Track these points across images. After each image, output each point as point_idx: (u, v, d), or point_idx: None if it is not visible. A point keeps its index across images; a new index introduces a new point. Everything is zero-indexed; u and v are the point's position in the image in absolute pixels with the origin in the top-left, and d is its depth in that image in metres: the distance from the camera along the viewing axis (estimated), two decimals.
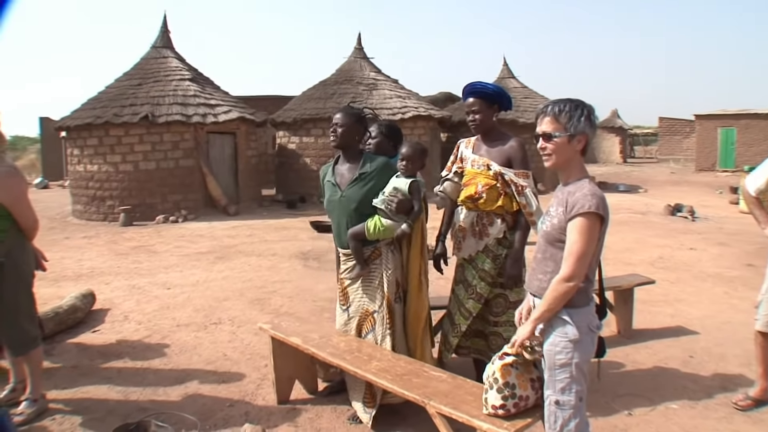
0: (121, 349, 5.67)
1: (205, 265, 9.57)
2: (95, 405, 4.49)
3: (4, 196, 4.01)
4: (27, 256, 4.25)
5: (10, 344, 4.28)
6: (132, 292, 7.81)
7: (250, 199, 17.49)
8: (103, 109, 16.20)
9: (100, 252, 11.14)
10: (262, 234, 12.77)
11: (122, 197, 15.71)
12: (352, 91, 19.34)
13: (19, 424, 4.08)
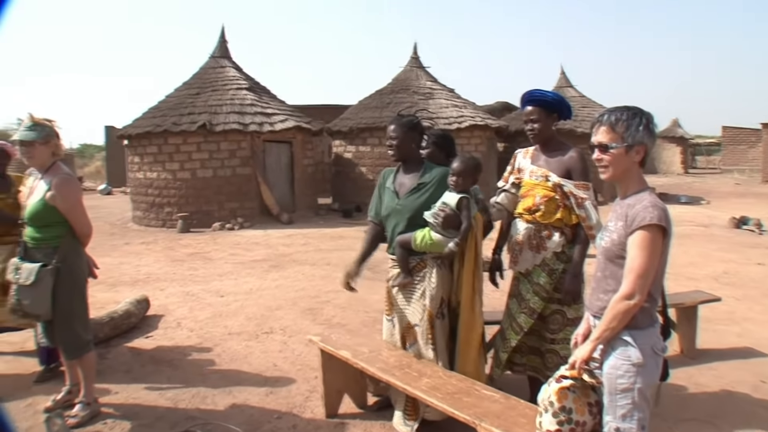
0: (173, 355, 5.69)
1: (259, 273, 9.59)
2: (145, 411, 4.51)
3: (61, 203, 4.11)
4: (81, 262, 4.33)
5: (65, 348, 4.36)
6: (186, 299, 7.87)
7: (306, 208, 17.57)
8: (162, 117, 16.54)
9: (157, 258, 11.31)
10: (317, 243, 12.78)
11: (180, 204, 15.96)
12: (408, 100, 19.28)
13: (72, 426, 4.15)
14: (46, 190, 4.13)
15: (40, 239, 4.18)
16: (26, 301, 4.11)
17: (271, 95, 18.41)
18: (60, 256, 4.12)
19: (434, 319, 3.94)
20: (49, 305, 4.10)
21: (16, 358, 5.74)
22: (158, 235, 14.60)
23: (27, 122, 4.17)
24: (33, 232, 4.21)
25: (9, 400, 4.78)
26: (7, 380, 5.21)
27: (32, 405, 4.63)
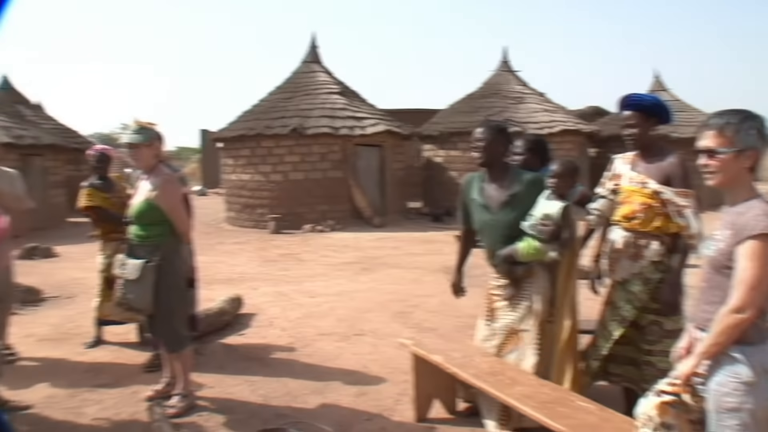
0: (265, 354, 5.80)
1: (350, 275, 9.68)
2: (238, 406, 4.61)
3: (164, 202, 4.27)
4: (181, 260, 4.48)
5: (165, 342, 4.54)
6: (278, 299, 8.02)
7: (396, 212, 17.63)
8: (255, 121, 16.99)
9: (250, 258, 11.59)
10: (407, 246, 12.79)
11: (272, 206, 16.31)
12: (499, 104, 19.11)
13: (171, 416, 4.30)
14: (150, 190, 4.31)
15: (144, 237, 4.36)
16: (131, 295, 4.30)
17: (362, 99, 18.57)
18: (162, 254, 4.29)
19: (545, 324, 3.85)
20: (151, 300, 4.26)
21: (119, 349, 6.02)
22: (251, 236, 14.97)
23: (133, 126, 4.36)
24: (137, 230, 4.40)
25: (115, 386, 5.03)
26: (113, 368, 5.49)
27: (136, 393, 4.85)
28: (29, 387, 5.02)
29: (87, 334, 6.31)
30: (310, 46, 19.02)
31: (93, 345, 6.09)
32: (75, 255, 11.93)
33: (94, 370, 5.48)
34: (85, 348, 6.05)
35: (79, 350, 6.02)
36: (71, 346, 6.16)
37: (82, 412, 4.59)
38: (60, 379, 5.22)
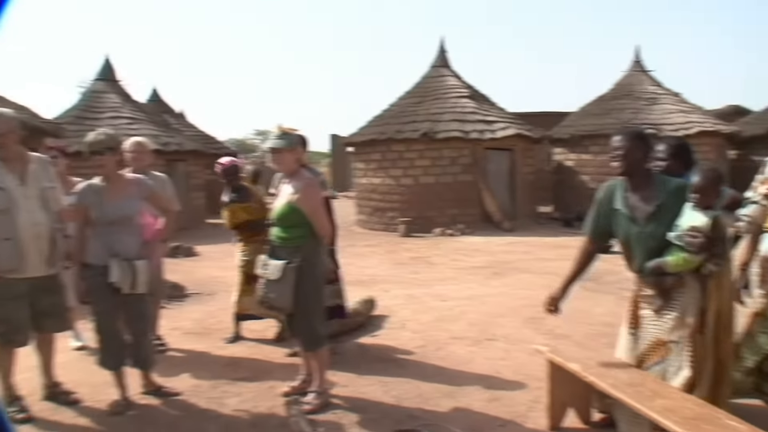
0: (397, 355, 5.86)
1: (481, 279, 9.62)
2: (371, 406, 4.68)
3: (306, 205, 4.42)
4: (321, 262, 4.62)
5: (303, 340, 4.69)
6: (409, 301, 8.09)
7: (526, 216, 17.35)
8: (386, 126, 17.25)
9: (381, 260, 11.77)
10: (538, 251, 12.56)
11: (402, 209, 16.49)
12: (631, 106, 18.41)
13: (306, 412, 4.42)
14: (292, 193, 4.47)
15: (286, 239, 4.52)
16: (272, 294, 4.47)
17: (491, 103, 18.42)
18: (303, 255, 4.43)
19: (697, 336, 3.66)
20: (291, 299, 4.41)
21: (257, 345, 6.29)
22: (381, 239, 15.21)
23: (276, 131, 4.55)
24: (279, 231, 4.57)
25: (253, 381, 5.26)
26: (251, 363, 5.74)
27: (273, 388, 5.04)
28: (177, 376, 5.36)
29: (227, 330, 6.64)
30: (438, 50, 19.08)
31: (232, 340, 6.40)
32: (214, 254, 12.58)
33: (233, 364, 5.76)
34: (225, 343, 6.37)
35: (219, 344, 6.35)
36: (212, 341, 6.50)
37: (224, 402, 4.84)
38: (203, 371, 5.53)
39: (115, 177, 4.62)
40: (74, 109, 19.27)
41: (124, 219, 4.55)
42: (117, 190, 4.58)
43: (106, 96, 19.51)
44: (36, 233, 4.50)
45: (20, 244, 4.44)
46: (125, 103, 19.46)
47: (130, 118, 18.37)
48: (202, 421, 4.54)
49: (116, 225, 4.52)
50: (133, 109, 19.43)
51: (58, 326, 4.87)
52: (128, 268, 4.43)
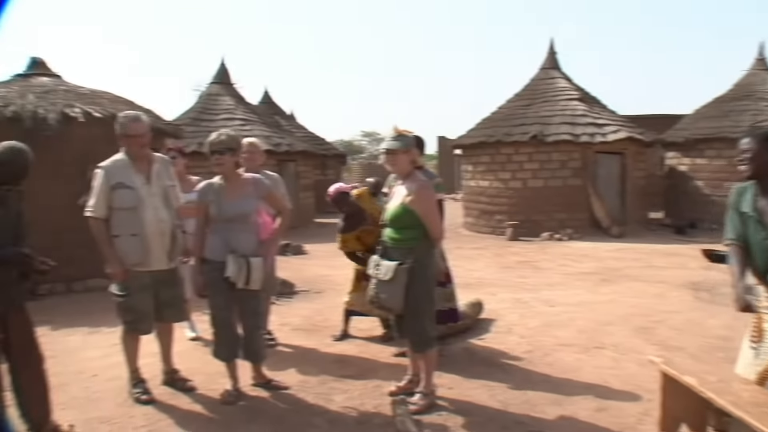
0: (504, 360, 5.84)
1: (589, 286, 9.43)
2: (476, 409, 4.69)
3: (419, 206, 4.47)
4: (433, 264, 4.67)
5: (412, 341, 4.74)
6: (516, 306, 8.04)
7: (636, 222, 16.80)
8: (494, 128, 17.15)
9: (488, 264, 11.73)
10: (648, 259, 12.15)
11: (510, 213, 16.36)
12: (753, 107, 17.45)
13: (412, 412, 4.46)
14: (406, 195, 4.54)
15: (398, 240, 4.60)
16: (383, 294, 4.56)
17: (602, 105, 17.98)
18: (415, 256, 4.48)
19: None
20: (402, 300, 4.49)
21: (364, 343, 6.43)
22: (488, 242, 15.14)
23: (392, 132, 4.63)
24: (392, 233, 4.65)
25: (360, 379, 5.38)
26: (358, 362, 5.88)
27: (379, 387, 5.14)
28: (285, 370, 5.56)
29: (334, 328, 6.82)
30: (548, 52, 18.82)
31: (340, 338, 6.56)
32: (322, 253, 12.89)
33: (340, 361, 5.90)
34: (333, 340, 6.54)
35: (327, 342, 6.53)
36: (320, 338, 6.69)
37: (331, 398, 4.97)
38: (311, 367, 5.70)
39: (234, 176, 4.82)
40: (191, 111, 20.26)
41: (242, 217, 4.75)
42: (235, 189, 4.79)
43: (221, 98, 20.41)
44: (160, 229, 4.84)
45: (146, 239, 4.78)
46: (239, 105, 20.28)
47: (243, 120, 19.12)
48: (309, 415, 4.68)
49: (234, 222, 4.73)
50: (246, 111, 20.22)
51: (177, 317, 5.22)
52: (244, 264, 4.62)
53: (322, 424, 4.53)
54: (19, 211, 4.04)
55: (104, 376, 5.61)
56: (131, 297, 4.83)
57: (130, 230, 4.76)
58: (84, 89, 10.84)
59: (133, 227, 4.76)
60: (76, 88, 10.75)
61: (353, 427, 4.49)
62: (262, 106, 25.87)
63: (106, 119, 9.01)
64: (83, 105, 9.79)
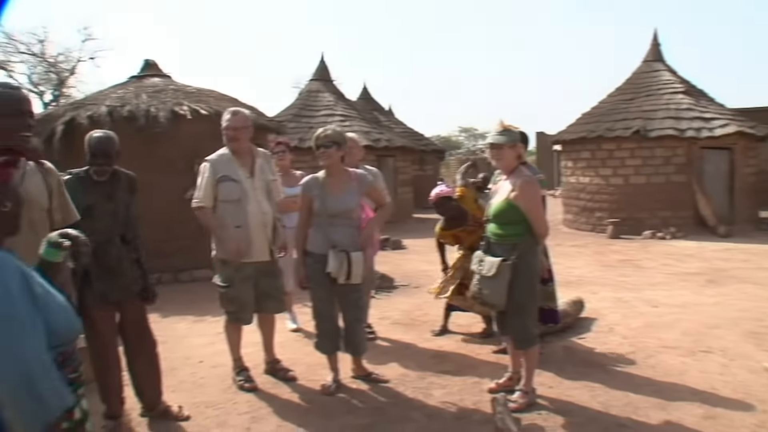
0: (605, 360, 5.72)
1: (694, 287, 9.08)
2: (576, 410, 4.62)
3: (523, 203, 4.44)
4: (537, 260, 4.64)
5: (514, 338, 4.72)
6: (617, 305, 7.85)
7: (745, 221, 15.97)
8: (596, 123, 16.72)
9: (588, 262, 11.49)
10: (759, 260, 11.54)
11: (611, 210, 15.94)
12: None
13: (512, 410, 4.42)
14: (510, 190, 4.51)
15: (502, 236, 4.57)
16: (486, 291, 4.56)
17: (709, 98, 17.17)
18: (519, 253, 4.46)
19: None
20: (505, 297, 4.47)
21: (463, 339, 6.45)
22: (587, 239, 14.84)
23: (497, 127, 4.61)
24: (495, 228, 4.63)
25: (459, 375, 5.40)
26: (457, 357, 5.91)
27: (478, 383, 5.15)
28: (385, 364, 5.65)
29: (433, 323, 6.87)
30: (651, 43, 18.17)
31: (439, 333, 6.60)
32: (420, 248, 12.95)
33: (439, 356, 5.94)
34: (432, 335, 6.58)
35: (426, 336, 6.57)
36: (419, 332, 6.74)
37: (430, 393, 5.01)
38: (409, 361, 5.76)
39: (338, 171, 4.92)
40: (291, 107, 20.74)
41: (344, 212, 4.83)
42: (339, 184, 4.88)
43: (321, 95, 20.81)
44: (262, 221, 5.01)
45: (249, 231, 4.96)
46: (338, 102, 20.62)
47: (343, 116, 19.44)
48: (408, 409, 4.73)
49: (336, 217, 4.82)
50: (345, 107, 20.55)
51: (277, 308, 5.36)
52: (344, 259, 4.71)
53: (420, 418, 4.57)
54: (127, 204, 4.26)
55: (209, 362, 5.87)
56: (233, 288, 5.02)
57: (235, 222, 4.95)
58: (191, 88, 11.35)
59: (237, 219, 4.95)
60: (184, 87, 11.28)
61: (451, 422, 4.51)
62: (361, 101, 26.19)
63: (211, 116, 9.38)
64: (191, 103, 10.26)
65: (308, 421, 4.56)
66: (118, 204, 4.20)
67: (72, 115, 9.86)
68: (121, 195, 4.23)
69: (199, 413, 4.71)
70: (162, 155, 9.69)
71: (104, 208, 4.13)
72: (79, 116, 9.72)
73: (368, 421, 4.55)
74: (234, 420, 4.60)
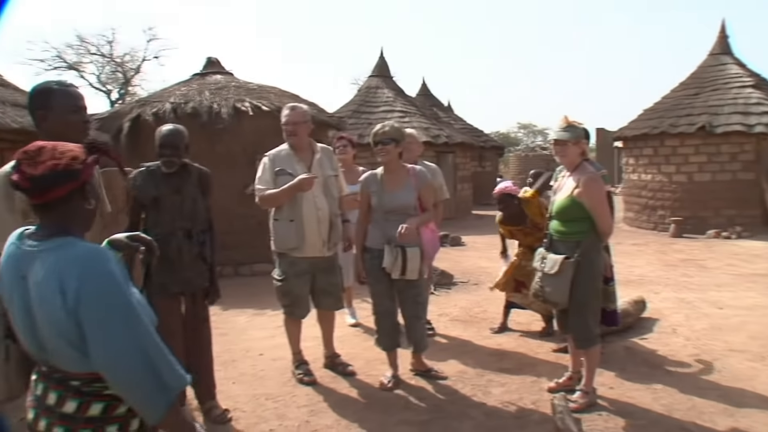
0: (668, 362, 5.59)
1: (762, 288, 8.76)
2: (638, 412, 4.53)
3: (587, 200, 4.37)
4: (600, 258, 4.56)
5: (575, 337, 4.65)
6: (681, 306, 7.65)
7: None
8: (659, 119, 16.31)
9: (649, 261, 11.24)
10: None
11: (673, 208, 15.56)
12: None
13: (572, 410, 4.37)
14: (574, 187, 4.44)
15: (565, 233, 4.51)
16: (547, 288, 4.50)
17: None
18: (582, 251, 4.39)
19: None
20: (567, 295, 4.41)
21: (522, 337, 6.40)
22: (649, 238, 14.52)
23: (562, 123, 4.55)
24: (558, 225, 4.57)
25: (518, 373, 5.36)
26: (516, 356, 5.85)
27: (537, 382, 5.11)
28: (444, 361, 5.63)
29: (492, 320, 6.84)
30: (718, 35, 17.61)
31: (499, 331, 6.56)
32: (480, 245, 12.90)
33: (498, 354, 5.89)
34: (492, 333, 6.55)
35: (485, 334, 6.54)
36: (478, 329, 6.71)
37: (489, 391, 4.98)
38: (468, 358, 5.74)
39: (395, 167, 4.92)
40: (350, 103, 20.86)
41: (400, 208, 4.83)
42: (396, 181, 4.89)
43: (380, 91, 20.86)
44: (317, 217, 5.01)
45: (302, 225, 4.98)
46: (397, 98, 20.65)
47: (402, 112, 19.46)
48: (466, 407, 4.71)
49: (393, 213, 4.82)
50: (405, 103, 20.57)
51: (333, 305, 5.37)
52: (399, 254, 4.72)
53: (478, 416, 4.55)
54: (194, 198, 4.32)
55: (269, 355, 5.96)
56: (288, 282, 5.08)
57: (289, 215, 4.99)
58: (252, 85, 11.54)
59: (291, 213, 4.98)
60: (245, 84, 11.47)
61: (510, 421, 4.47)
62: (420, 97, 26.21)
63: (273, 112, 9.49)
64: (252, 99, 10.40)
65: (366, 415, 4.59)
66: (185, 197, 4.27)
67: (138, 112, 10.14)
68: (189, 189, 4.31)
69: (259, 405, 4.79)
70: (224, 151, 9.86)
71: (170, 201, 4.22)
72: (145, 113, 9.98)
73: (426, 417, 4.54)
74: (293, 413, 4.65)
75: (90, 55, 36.88)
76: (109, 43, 37.27)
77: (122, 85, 38.05)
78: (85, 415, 1.92)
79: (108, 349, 1.83)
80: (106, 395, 1.94)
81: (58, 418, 1.92)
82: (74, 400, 1.92)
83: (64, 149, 1.91)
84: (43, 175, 1.85)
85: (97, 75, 37.37)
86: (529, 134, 62.10)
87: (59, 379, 1.94)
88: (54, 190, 1.88)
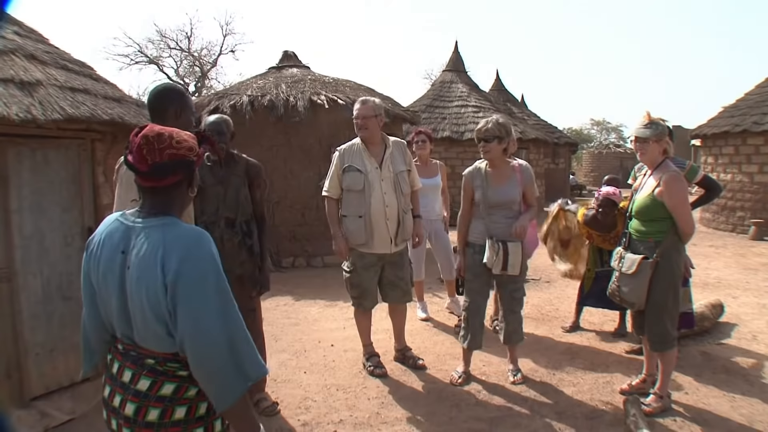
0: (747, 369, 5.40)
1: None
2: (715, 420, 4.40)
3: (669, 199, 4.26)
4: (680, 259, 4.45)
5: (651, 339, 4.54)
6: (762, 312, 7.36)
7: None
8: (741, 117, 15.65)
9: (727, 263, 10.87)
10: None
11: (754, 210, 14.93)
12: None
13: (646, 414, 4.30)
14: (655, 186, 4.33)
15: (645, 233, 4.42)
16: (625, 288, 4.43)
17: None
18: (661, 251, 4.30)
19: None
20: (644, 296, 4.33)
21: (595, 337, 6.33)
22: (727, 240, 14.00)
23: (643, 120, 4.43)
24: (638, 225, 4.48)
25: (590, 372, 5.30)
26: (589, 355, 5.79)
27: (609, 383, 5.04)
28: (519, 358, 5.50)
29: (563, 318, 6.80)
30: None
31: (570, 329, 6.51)
32: None
33: (570, 352, 5.84)
34: (564, 331, 6.50)
35: (557, 332, 6.50)
36: (550, 327, 6.67)
37: (560, 390, 4.94)
38: (541, 356, 5.71)
39: (500, 163, 4.93)
40: (424, 98, 20.82)
41: (504, 203, 4.85)
42: (501, 175, 4.90)
43: (454, 85, 20.75)
44: (385, 214, 5.03)
45: (370, 221, 5.01)
46: (471, 92, 20.50)
47: (476, 107, 19.31)
48: (538, 405, 4.69)
49: (497, 207, 4.84)
50: (479, 98, 20.41)
51: (401, 297, 5.38)
52: (500, 249, 4.72)
53: (549, 414, 4.51)
54: (238, 188, 4.39)
55: (340, 346, 6.04)
56: (356, 274, 5.14)
57: (357, 212, 5.03)
58: (328, 78, 11.66)
59: (359, 209, 5.02)
60: (321, 78, 11.61)
61: (582, 421, 4.42)
62: (494, 92, 26.02)
63: (348, 105, 9.58)
64: (328, 93, 10.51)
65: (436, 410, 4.61)
66: (228, 187, 4.37)
67: (216, 105, 10.39)
68: (233, 179, 4.40)
69: (330, 395, 4.87)
70: (299, 143, 10.03)
71: (213, 191, 4.33)
72: (222, 105, 10.22)
73: (496, 414, 4.54)
74: (363, 404, 4.71)
75: (169, 50, 38.04)
76: (187, 37, 38.45)
77: (199, 79, 39.06)
78: (157, 393, 2.00)
79: (197, 329, 1.91)
80: (178, 376, 2.02)
81: (132, 394, 2.01)
82: (147, 378, 2.01)
83: (180, 138, 2.03)
84: (162, 163, 1.98)
85: (175, 69, 38.49)
86: (603, 131, 60.82)
87: (135, 358, 2.04)
88: (169, 177, 2.01)
